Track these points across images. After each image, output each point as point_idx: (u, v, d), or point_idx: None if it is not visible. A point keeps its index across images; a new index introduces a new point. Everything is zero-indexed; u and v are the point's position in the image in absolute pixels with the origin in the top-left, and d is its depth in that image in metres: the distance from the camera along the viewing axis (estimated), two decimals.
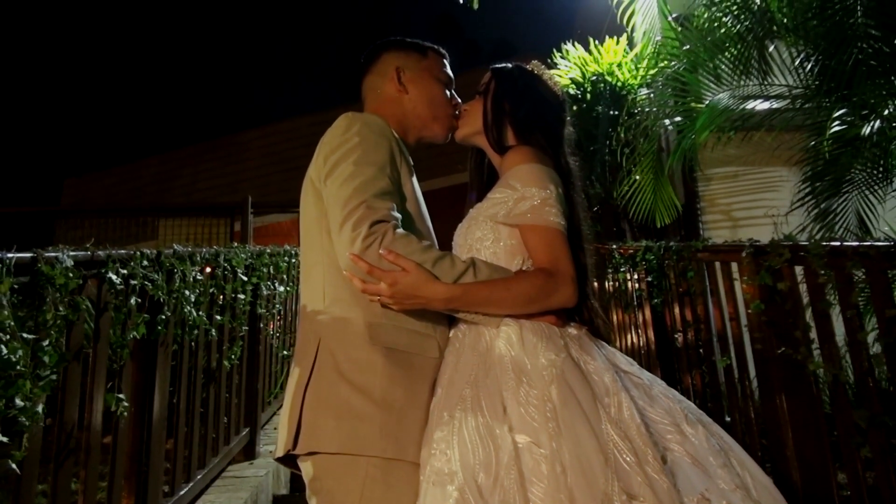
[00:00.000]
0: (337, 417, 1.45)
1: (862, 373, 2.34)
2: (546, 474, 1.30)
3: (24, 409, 1.84)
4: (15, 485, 1.97)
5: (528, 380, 1.45)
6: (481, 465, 1.34)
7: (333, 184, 1.54)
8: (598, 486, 1.28)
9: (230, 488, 3.78)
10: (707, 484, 1.34)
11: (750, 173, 6.51)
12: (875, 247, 2.24)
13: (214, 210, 7.41)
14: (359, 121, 1.62)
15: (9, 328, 1.81)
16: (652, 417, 1.44)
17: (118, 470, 2.65)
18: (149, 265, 2.78)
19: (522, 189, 1.63)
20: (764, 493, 1.39)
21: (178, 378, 3.28)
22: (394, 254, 1.46)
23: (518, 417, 1.39)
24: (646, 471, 1.31)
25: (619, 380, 1.48)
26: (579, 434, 1.34)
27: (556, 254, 1.59)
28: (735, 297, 3.39)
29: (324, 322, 1.56)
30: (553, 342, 1.53)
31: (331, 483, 1.45)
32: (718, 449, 1.43)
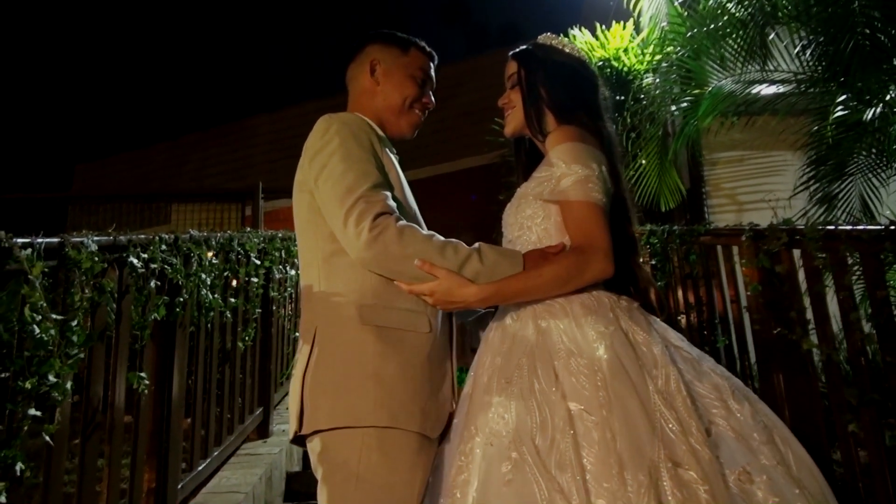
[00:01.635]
0: (333, 396, 1.57)
1: (854, 352, 2.43)
2: (597, 440, 1.38)
3: (56, 385, 1.95)
4: (46, 458, 2.09)
5: (579, 350, 1.52)
6: (538, 428, 1.42)
7: (326, 183, 1.63)
8: (646, 453, 1.35)
9: (245, 465, 3.91)
10: (749, 458, 1.41)
11: (755, 157, 6.55)
12: (867, 230, 2.32)
13: (226, 195, 7.52)
14: (335, 121, 1.71)
15: (41, 309, 1.91)
16: (699, 391, 1.50)
17: (140, 446, 2.76)
18: (167, 249, 2.89)
19: (566, 167, 1.67)
20: (804, 471, 1.45)
21: (195, 359, 3.40)
22: (428, 264, 1.56)
23: (570, 386, 1.46)
24: (689, 441, 1.38)
25: (667, 353, 1.54)
26: (628, 403, 1.42)
27: (590, 228, 1.63)
28: (736, 280, 3.48)
29: (319, 312, 1.67)
30: (602, 314, 1.59)
31: (332, 455, 1.57)
32: (763, 426, 1.48)
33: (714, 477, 1.35)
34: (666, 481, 1.33)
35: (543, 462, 1.37)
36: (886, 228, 2.22)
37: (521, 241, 1.75)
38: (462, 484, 1.46)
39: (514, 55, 1.94)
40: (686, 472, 1.34)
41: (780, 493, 1.37)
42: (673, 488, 1.32)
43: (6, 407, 1.84)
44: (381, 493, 1.53)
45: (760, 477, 1.38)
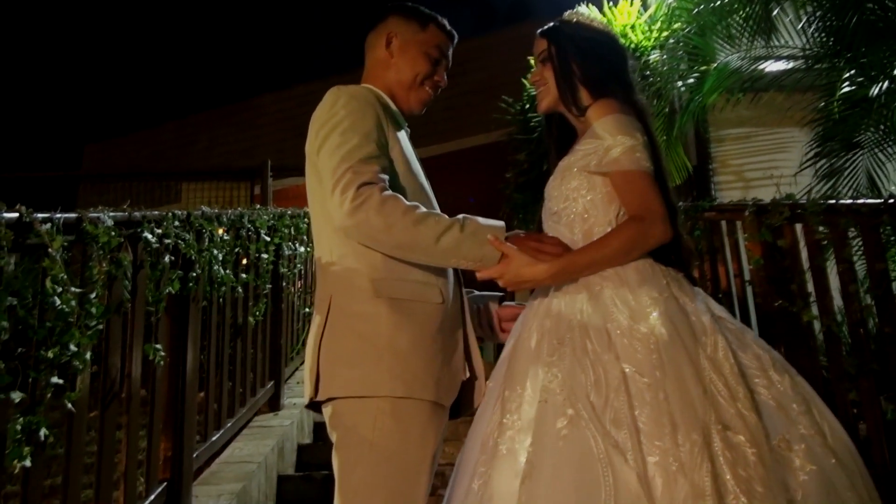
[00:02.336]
0: (349, 366, 1.62)
1: (854, 323, 2.48)
2: (649, 401, 1.42)
3: (77, 354, 2.02)
4: (67, 427, 2.17)
5: (632, 314, 1.55)
6: (592, 386, 1.46)
7: (324, 155, 1.66)
8: (698, 414, 1.40)
9: (257, 437, 4.00)
10: (788, 427, 1.45)
11: (762, 134, 6.55)
12: (867, 204, 2.37)
13: (235, 174, 7.57)
14: (344, 94, 1.73)
15: (61, 281, 1.98)
16: (743, 361, 1.54)
17: (157, 416, 2.85)
18: (180, 225, 2.95)
19: (612, 138, 1.69)
20: (839, 442, 1.49)
21: (208, 333, 3.48)
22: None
23: (622, 348, 1.50)
24: (737, 406, 1.43)
25: (714, 322, 1.58)
26: (681, 366, 1.46)
27: (646, 197, 1.67)
28: (739, 255, 3.52)
29: (333, 282, 1.71)
30: (656, 281, 1.63)
31: (347, 420, 1.62)
32: (802, 398, 1.52)
33: (760, 441, 1.40)
34: (717, 443, 1.37)
35: (599, 418, 1.41)
36: (885, 202, 2.26)
37: (567, 212, 1.77)
38: (508, 440, 1.50)
39: (542, 33, 1.94)
40: (735, 435, 1.39)
41: (818, 461, 1.42)
42: (724, 449, 1.37)
43: (29, 375, 1.91)
44: (393, 460, 1.58)
45: (799, 445, 1.43)
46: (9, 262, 1.81)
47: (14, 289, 1.81)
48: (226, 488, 3.25)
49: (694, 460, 1.34)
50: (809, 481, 1.40)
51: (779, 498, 1.34)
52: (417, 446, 1.60)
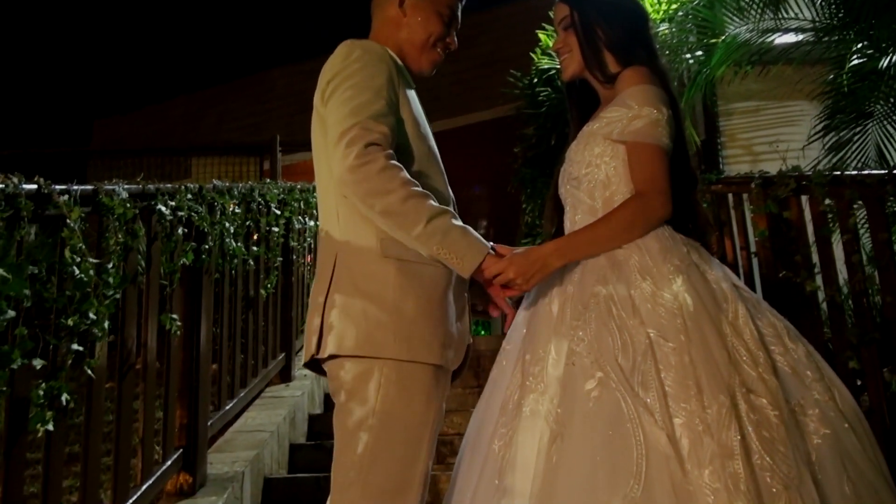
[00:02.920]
0: (355, 325, 1.60)
1: (857, 293, 2.51)
2: (674, 365, 1.45)
3: (96, 322, 2.08)
4: (87, 393, 2.23)
5: (655, 281, 1.57)
6: (620, 349, 1.49)
7: (332, 106, 1.63)
8: (724, 377, 1.43)
9: (269, 406, 4.08)
10: (803, 393, 1.50)
11: (771, 108, 6.53)
12: (871, 174, 2.39)
13: (244, 149, 7.62)
14: (358, 47, 1.69)
15: (80, 251, 2.03)
16: (761, 329, 1.57)
17: (172, 385, 2.92)
18: (192, 198, 3.00)
19: (638, 108, 1.69)
20: (848, 408, 1.54)
21: (221, 305, 3.54)
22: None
23: (647, 313, 1.53)
24: (759, 370, 1.47)
25: (734, 290, 1.61)
26: (705, 331, 1.49)
27: (654, 172, 1.67)
28: (745, 227, 3.55)
29: (340, 240, 1.67)
30: (677, 249, 1.64)
31: (352, 381, 1.60)
32: (815, 365, 1.56)
33: (781, 404, 1.44)
34: (742, 405, 1.41)
35: (628, 380, 1.44)
36: (889, 172, 2.28)
37: (589, 178, 1.78)
38: (531, 402, 1.52)
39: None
40: (758, 398, 1.43)
41: (831, 426, 1.47)
42: (748, 411, 1.41)
43: (50, 342, 1.97)
44: (396, 425, 1.58)
45: (813, 410, 1.47)
46: (29, 232, 1.86)
47: (35, 258, 1.86)
48: (239, 455, 3.33)
49: (721, 421, 1.38)
50: (823, 444, 1.45)
51: (799, 459, 1.39)
52: (421, 411, 1.60)
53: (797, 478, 1.36)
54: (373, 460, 1.57)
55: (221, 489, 2.96)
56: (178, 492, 2.92)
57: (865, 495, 1.42)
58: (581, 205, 1.78)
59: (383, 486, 1.58)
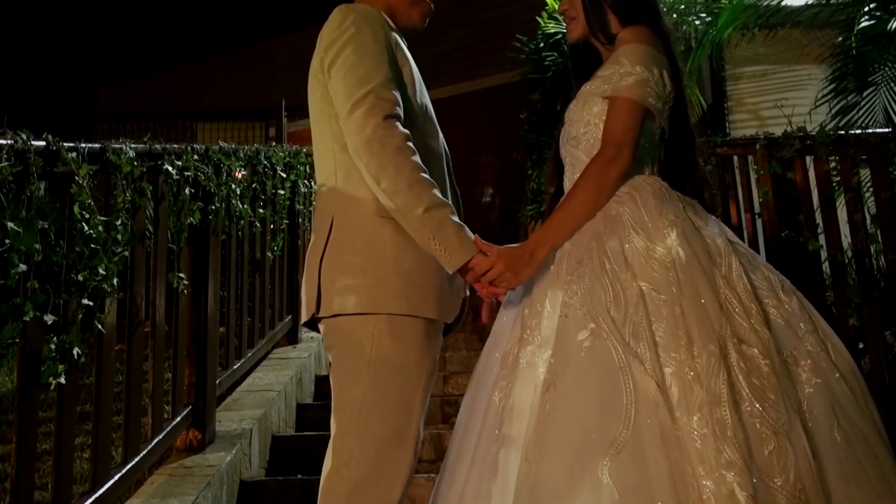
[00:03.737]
0: (353, 284, 1.63)
1: (858, 252, 2.53)
2: (665, 316, 1.48)
3: (105, 277, 2.11)
4: (98, 346, 2.28)
5: (648, 236, 1.60)
6: (612, 302, 1.52)
7: (338, 73, 1.64)
8: (715, 328, 1.47)
9: (276, 367, 4.14)
10: (795, 344, 1.53)
11: (779, 72, 6.47)
12: (875, 133, 2.40)
13: (250, 114, 7.61)
14: (353, 11, 1.70)
15: (88, 207, 2.06)
16: (754, 282, 1.59)
17: (181, 343, 2.96)
18: (199, 159, 3.02)
19: (630, 66, 1.70)
20: (841, 359, 1.57)
21: (228, 267, 3.58)
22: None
23: (640, 267, 1.55)
24: (751, 322, 1.50)
25: (729, 244, 1.63)
26: (697, 283, 1.52)
27: (623, 126, 1.68)
28: (750, 190, 3.55)
29: (336, 201, 1.71)
30: (673, 203, 1.66)
31: (346, 338, 1.65)
32: (808, 317, 1.59)
33: (773, 353, 1.47)
34: (732, 354, 1.45)
35: (619, 331, 1.47)
36: (893, 131, 2.28)
37: (587, 136, 1.78)
38: (528, 354, 1.57)
39: None
40: (749, 348, 1.47)
41: (822, 375, 1.50)
42: (738, 360, 1.44)
43: (61, 297, 2.00)
44: (391, 375, 1.63)
45: (805, 361, 1.51)
46: (39, 188, 1.88)
47: (44, 213, 1.89)
48: (247, 413, 3.39)
49: (710, 369, 1.41)
50: (814, 393, 1.48)
51: (789, 406, 1.42)
52: (415, 362, 1.65)
53: (787, 424, 1.39)
54: (370, 409, 1.62)
55: (230, 445, 3.02)
56: (187, 447, 2.99)
57: (855, 442, 1.45)
58: (580, 164, 1.79)
59: (381, 434, 1.62)
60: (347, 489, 1.61)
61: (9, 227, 1.73)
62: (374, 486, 1.62)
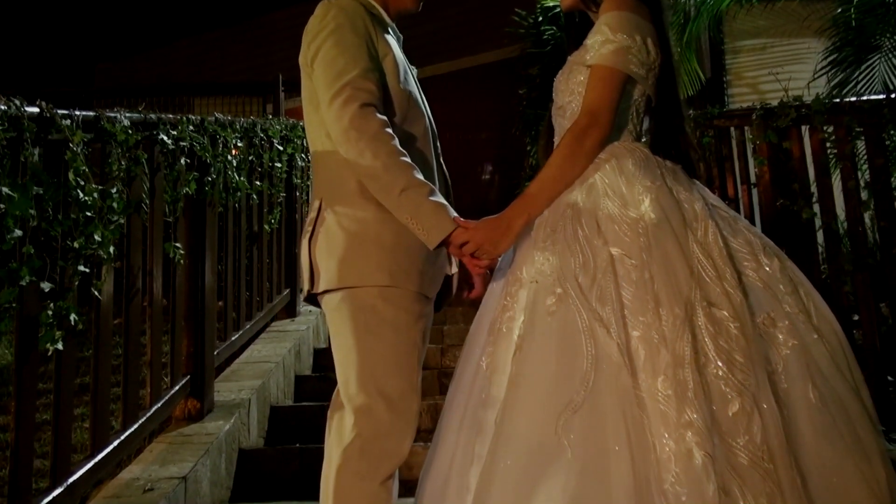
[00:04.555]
0: (339, 260, 1.73)
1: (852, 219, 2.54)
2: (635, 280, 1.50)
3: (102, 244, 2.12)
4: (95, 312, 2.29)
5: (623, 202, 1.61)
6: (581, 268, 1.54)
7: (319, 66, 1.72)
8: (683, 292, 1.48)
9: (275, 340, 4.16)
10: (773, 306, 1.53)
11: (778, 45, 6.45)
12: (869, 100, 2.40)
13: (247, 88, 7.58)
14: (334, 6, 1.76)
15: (83, 174, 2.07)
16: (733, 246, 1.60)
17: (178, 313, 2.98)
18: (194, 130, 3.02)
19: (611, 34, 1.69)
20: (823, 321, 1.58)
21: (225, 240, 3.59)
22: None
23: (612, 233, 1.57)
24: (723, 285, 1.51)
25: (707, 209, 1.63)
26: (667, 248, 1.53)
27: (599, 94, 1.68)
28: (746, 161, 3.55)
29: (323, 185, 1.82)
30: (650, 170, 1.67)
31: (342, 310, 1.74)
32: (789, 279, 1.59)
33: (744, 316, 1.48)
34: (700, 317, 1.46)
35: (585, 296, 1.50)
36: (887, 97, 2.28)
37: (572, 106, 1.78)
38: (507, 320, 1.60)
39: None
40: (719, 311, 1.48)
41: (800, 337, 1.51)
42: (706, 323, 1.46)
43: (58, 264, 2.02)
44: (388, 335, 1.71)
45: (783, 322, 1.52)
46: (33, 153, 1.89)
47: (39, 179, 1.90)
48: (246, 384, 3.42)
49: (675, 332, 1.43)
50: (791, 354, 1.49)
51: (758, 368, 1.43)
52: (407, 324, 1.73)
53: (754, 385, 1.41)
54: (373, 369, 1.71)
55: (228, 414, 3.05)
56: (186, 417, 3.02)
57: (831, 402, 1.47)
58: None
59: (386, 391, 1.70)
60: (360, 444, 1.69)
61: (3, 192, 1.74)
62: (385, 439, 1.70)
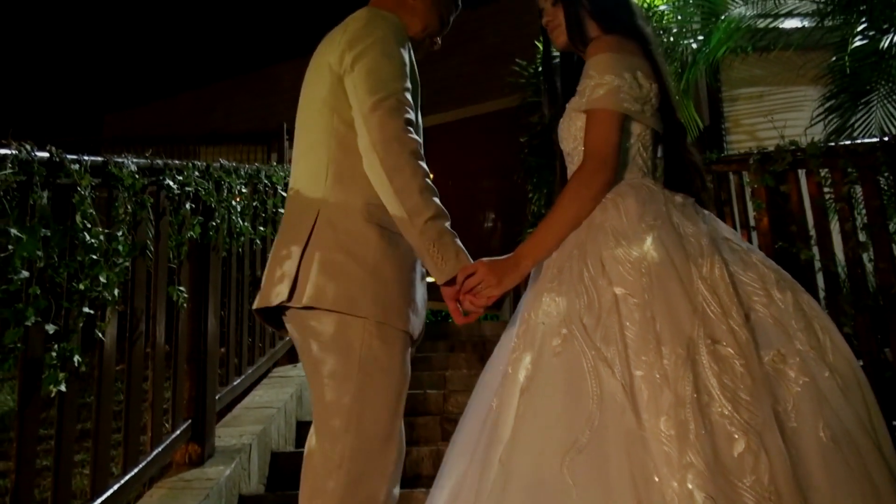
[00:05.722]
0: (335, 280, 1.64)
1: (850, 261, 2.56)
2: (638, 319, 1.50)
3: (107, 285, 2.14)
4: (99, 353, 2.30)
5: (627, 242, 1.61)
6: (585, 308, 1.54)
7: (362, 69, 1.65)
8: (685, 330, 1.47)
9: (277, 385, 4.15)
10: (784, 342, 1.51)
11: (775, 93, 6.54)
12: (863, 143, 2.44)
13: (252, 137, 7.69)
14: (380, 16, 1.75)
15: (90, 217, 2.10)
16: (742, 280, 1.59)
17: (181, 357, 2.99)
18: (199, 175, 3.06)
19: (599, 77, 1.71)
20: (840, 357, 1.54)
21: (228, 284, 3.61)
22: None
23: (616, 273, 1.57)
24: (728, 322, 1.50)
25: (715, 244, 1.63)
26: (670, 287, 1.53)
27: (600, 137, 1.70)
28: (745, 205, 3.59)
29: (324, 198, 1.70)
30: (654, 207, 1.67)
31: (331, 333, 1.65)
32: (803, 314, 1.57)
33: (749, 353, 1.47)
34: (704, 355, 1.45)
35: (590, 336, 1.50)
36: (881, 140, 2.32)
37: (577, 152, 1.80)
38: (514, 361, 1.60)
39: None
40: (724, 348, 1.46)
41: (811, 374, 1.48)
42: (710, 361, 1.44)
43: (63, 305, 2.03)
44: (380, 376, 1.66)
45: (794, 359, 1.49)
46: (42, 196, 1.92)
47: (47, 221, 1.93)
48: (247, 429, 3.40)
49: (677, 371, 1.43)
50: (802, 392, 1.46)
51: (764, 406, 1.41)
52: (399, 367, 1.69)
53: (760, 424, 1.39)
54: (362, 408, 1.65)
55: (229, 459, 3.03)
56: (187, 461, 3.00)
57: (843, 443, 1.43)
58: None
59: (374, 433, 1.66)
60: (340, 491, 1.63)
61: (12, 234, 1.76)
62: (364, 485, 1.65)
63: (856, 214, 2.71)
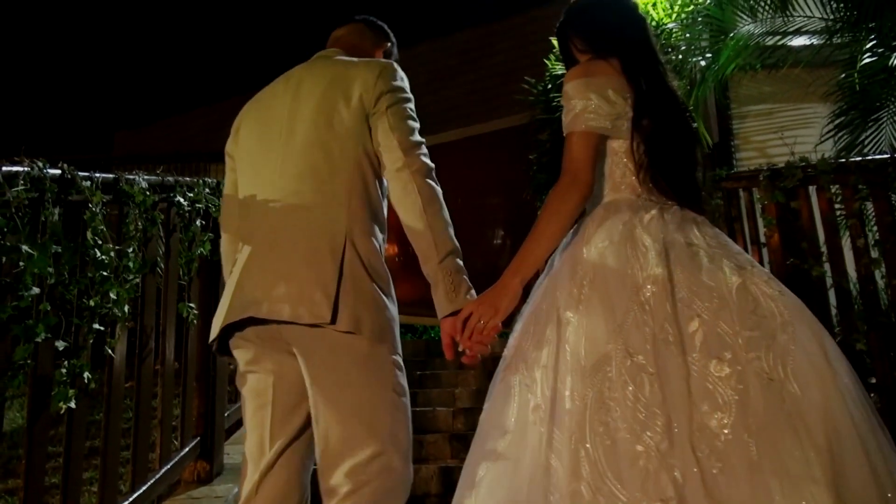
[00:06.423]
0: (372, 311, 1.70)
1: (863, 277, 2.54)
2: (570, 339, 1.58)
3: (117, 302, 2.15)
4: (108, 370, 2.30)
5: (580, 266, 1.69)
6: (531, 337, 1.66)
7: (398, 115, 1.81)
8: (601, 346, 1.53)
9: None
10: (720, 351, 1.47)
11: (785, 110, 6.53)
12: (874, 160, 2.43)
13: None
14: (404, 75, 1.92)
15: (101, 234, 2.11)
16: (689, 290, 1.57)
17: (190, 375, 2.99)
18: (210, 192, 3.08)
19: (567, 103, 1.81)
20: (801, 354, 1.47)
21: None
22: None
23: (564, 297, 1.65)
24: (655, 332, 1.51)
25: (665, 254, 1.63)
26: (594, 306, 1.59)
27: (570, 155, 1.76)
28: (755, 221, 3.57)
29: (348, 220, 1.73)
30: (609, 230, 1.72)
31: (372, 358, 1.71)
32: (758, 322, 1.51)
33: (671, 369, 1.47)
34: (612, 368, 1.50)
35: (528, 364, 1.62)
36: (892, 156, 2.31)
37: None
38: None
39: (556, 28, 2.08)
40: (641, 360, 1.48)
41: (745, 380, 1.44)
42: (626, 377, 1.48)
43: (73, 322, 2.04)
44: (405, 398, 1.76)
45: (734, 367, 1.45)
46: (53, 213, 1.94)
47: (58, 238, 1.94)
48: None
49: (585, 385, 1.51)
50: (732, 400, 1.43)
51: (678, 422, 1.42)
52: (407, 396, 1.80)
53: (668, 444, 1.39)
54: (397, 428, 1.73)
55: (238, 477, 3.01)
56: (196, 479, 2.99)
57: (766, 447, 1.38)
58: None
59: (407, 448, 1.76)
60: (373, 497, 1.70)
61: (23, 250, 1.77)
62: (402, 494, 1.74)
63: (867, 231, 2.69)
